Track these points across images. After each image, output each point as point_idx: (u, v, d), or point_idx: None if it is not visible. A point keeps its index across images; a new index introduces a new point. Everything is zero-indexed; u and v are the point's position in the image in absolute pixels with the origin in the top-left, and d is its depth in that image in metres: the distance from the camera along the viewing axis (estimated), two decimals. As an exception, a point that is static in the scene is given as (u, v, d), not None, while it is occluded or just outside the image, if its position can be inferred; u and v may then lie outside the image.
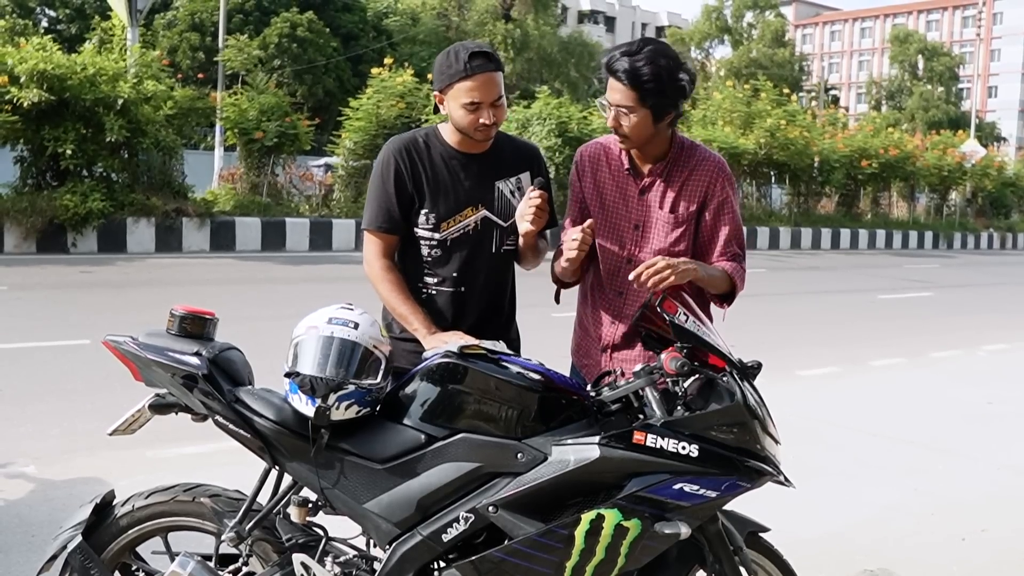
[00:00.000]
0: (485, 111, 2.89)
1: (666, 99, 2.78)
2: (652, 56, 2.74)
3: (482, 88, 2.86)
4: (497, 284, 3.12)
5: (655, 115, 2.80)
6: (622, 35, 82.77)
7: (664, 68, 2.74)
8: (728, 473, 2.47)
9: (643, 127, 2.81)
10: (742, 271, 2.97)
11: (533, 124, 20.13)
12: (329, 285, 12.16)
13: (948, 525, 4.77)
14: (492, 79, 2.88)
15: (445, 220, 3.00)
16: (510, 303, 3.21)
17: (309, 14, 39.91)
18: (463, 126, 2.93)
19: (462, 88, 2.87)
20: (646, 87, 2.74)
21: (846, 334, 10.77)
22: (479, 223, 3.02)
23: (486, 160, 3.04)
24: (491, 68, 2.88)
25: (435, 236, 3.00)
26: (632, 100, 2.76)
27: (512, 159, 3.10)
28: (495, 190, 3.04)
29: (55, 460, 4.99)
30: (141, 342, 2.68)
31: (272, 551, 2.69)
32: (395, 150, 3.02)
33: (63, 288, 11.04)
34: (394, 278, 2.99)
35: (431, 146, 3.03)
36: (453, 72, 2.88)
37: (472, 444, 2.52)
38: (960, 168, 28.99)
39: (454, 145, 3.03)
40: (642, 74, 2.73)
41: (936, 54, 70.17)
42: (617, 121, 2.82)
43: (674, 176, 2.94)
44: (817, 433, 6.27)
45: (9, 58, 13.73)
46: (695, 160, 2.95)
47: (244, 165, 17.37)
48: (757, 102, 24.84)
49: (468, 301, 3.03)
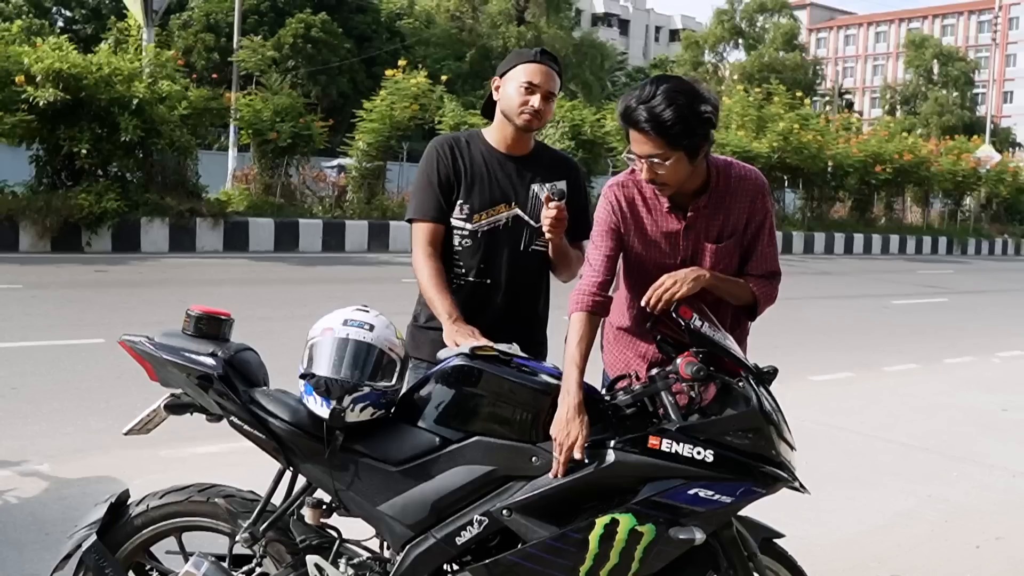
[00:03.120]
0: (538, 96, 3.03)
1: (696, 136, 2.62)
2: (669, 96, 2.56)
3: (543, 75, 3.04)
4: (524, 283, 3.17)
5: (690, 155, 2.63)
6: (636, 38, 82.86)
7: (685, 106, 2.57)
8: (743, 479, 2.46)
9: (681, 170, 2.66)
10: (772, 288, 2.88)
11: (546, 127, 20.11)
12: (342, 286, 12.18)
13: (962, 532, 4.74)
14: (553, 75, 3.07)
15: (478, 212, 3.10)
16: (543, 308, 3.27)
17: (323, 15, 40.04)
18: (512, 107, 3.05)
19: (525, 69, 3.05)
20: (673, 131, 2.57)
21: (860, 340, 10.73)
22: (510, 220, 3.12)
23: (524, 162, 3.17)
24: (556, 68, 3.09)
25: (467, 227, 3.11)
26: (662, 147, 2.60)
27: (550, 166, 3.21)
28: (530, 191, 3.14)
29: (69, 458, 5.00)
30: (157, 342, 2.69)
31: (286, 552, 2.69)
32: (438, 144, 3.18)
33: (78, 287, 11.09)
34: (433, 265, 3.07)
35: (472, 144, 3.17)
36: (523, 58, 3.08)
37: (486, 447, 2.52)
38: (975, 173, 28.85)
39: (495, 145, 3.16)
40: (665, 119, 2.55)
41: (951, 59, 69.83)
42: (652, 172, 2.65)
43: (718, 204, 2.81)
44: (831, 439, 6.24)
45: (25, 57, 13.82)
46: (734, 180, 2.82)
47: (258, 166, 17.43)
48: (770, 106, 24.78)
49: (492, 294, 3.11)
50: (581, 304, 2.70)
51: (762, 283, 2.87)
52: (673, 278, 2.63)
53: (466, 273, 3.12)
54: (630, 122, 2.63)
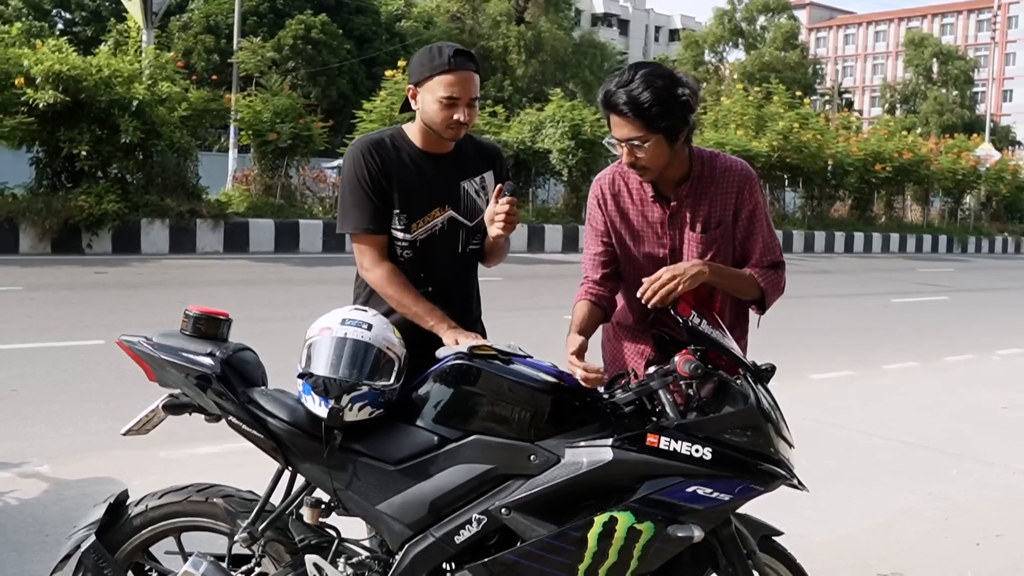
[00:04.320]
0: (461, 108, 2.87)
1: (674, 118, 2.67)
2: (647, 80, 2.63)
3: (462, 84, 2.86)
4: (462, 284, 3.11)
5: (668, 138, 2.69)
6: (636, 38, 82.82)
7: (663, 88, 2.63)
8: (741, 476, 2.46)
9: (660, 154, 2.71)
10: (778, 277, 2.89)
11: (546, 126, 20.12)
12: (342, 287, 12.08)
13: (962, 530, 4.74)
14: (471, 78, 2.89)
15: (415, 220, 2.97)
16: (476, 304, 3.19)
17: (323, 16, 40.06)
18: (436, 121, 2.90)
19: (442, 81, 2.85)
20: (651, 112, 2.63)
21: (860, 338, 10.72)
22: (446, 223, 3.01)
23: (451, 160, 3.03)
24: (472, 68, 2.89)
25: (407, 237, 2.98)
26: (641, 130, 2.65)
27: (475, 159, 3.09)
28: (460, 190, 3.03)
29: (69, 459, 5.01)
30: (155, 342, 2.69)
31: (285, 552, 2.69)
32: (364, 149, 2.98)
33: (78, 288, 11.09)
34: (402, 280, 2.94)
35: (398, 147, 3.00)
36: (436, 65, 2.86)
37: (485, 446, 2.52)
38: (975, 172, 28.86)
39: (420, 145, 3.01)
40: (643, 101, 2.61)
41: (951, 58, 69.87)
42: (632, 156, 2.71)
43: (701, 193, 2.84)
44: (830, 437, 6.24)
45: (25, 59, 13.82)
46: (719, 171, 2.85)
47: (258, 167, 17.43)
48: (769, 105, 24.79)
49: (435, 301, 2.94)
50: (579, 296, 2.79)
51: (767, 274, 2.87)
52: (672, 272, 2.61)
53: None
54: (609, 106, 2.69)
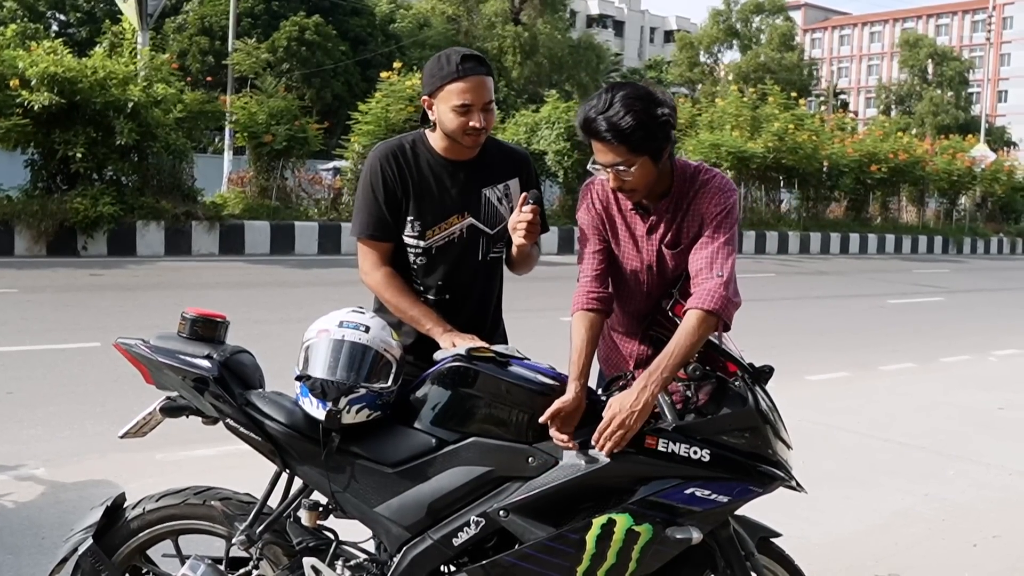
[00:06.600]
0: (476, 114, 2.83)
1: (657, 140, 2.63)
2: (626, 104, 2.58)
3: (474, 90, 2.82)
4: (483, 292, 3.06)
5: (653, 158, 2.66)
6: (631, 39, 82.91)
7: (643, 111, 2.59)
8: (740, 478, 2.46)
9: (647, 174, 2.67)
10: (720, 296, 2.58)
11: (542, 128, 20.14)
12: (338, 288, 12.15)
13: (959, 531, 4.75)
14: (483, 82, 2.85)
15: (430, 228, 2.94)
16: (497, 311, 3.15)
17: (317, 18, 40.02)
18: (452, 129, 2.87)
19: (453, 90, 2.82)
20: (634, 137, 2.58)
21: (856, 339, 10.73)
22: (465, 231, 2.97)
23: (473, 167, 2.98)
24: (483, 71, 2.86)
25: (420, 244, 2.95)
26: (626, 154, 2.61)
27: (500, 165, 3.04)
28: (482, 197, 2.98)
29: (65, 462, 5.00)
30: (152, 345, 2.69)
31: (282, 554, 2.69)
32: (382, 156, 2.96)
33: (73, 291, 11.07)
34: (399, 283, 2.93)
35: (418, 153, 2.97)
36: (445, 74, 2.83)
37: (483, 448, 2.52)
38: (970, 173, 28.89)
39: (441, 152, 2.97)
40: (624, 127, 2.57)
41: (946, 58, 69.95)
42: (619, 180, 2.66)
43: (680, 209, 2.79)
44: (828, 438, 6.25)
45: (20, 62, 13.80)
46: (697, 187, 2.77)
47: (253, 168, 17.41)
48: (765, 106, 24.81)
49: (454, 310, 2.94)
50: (578, 304, 2.73)
51: (702, 295, 2.59)
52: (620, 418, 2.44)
53: (425, 291, 2.97)
54: (591, 133, 2.65)
